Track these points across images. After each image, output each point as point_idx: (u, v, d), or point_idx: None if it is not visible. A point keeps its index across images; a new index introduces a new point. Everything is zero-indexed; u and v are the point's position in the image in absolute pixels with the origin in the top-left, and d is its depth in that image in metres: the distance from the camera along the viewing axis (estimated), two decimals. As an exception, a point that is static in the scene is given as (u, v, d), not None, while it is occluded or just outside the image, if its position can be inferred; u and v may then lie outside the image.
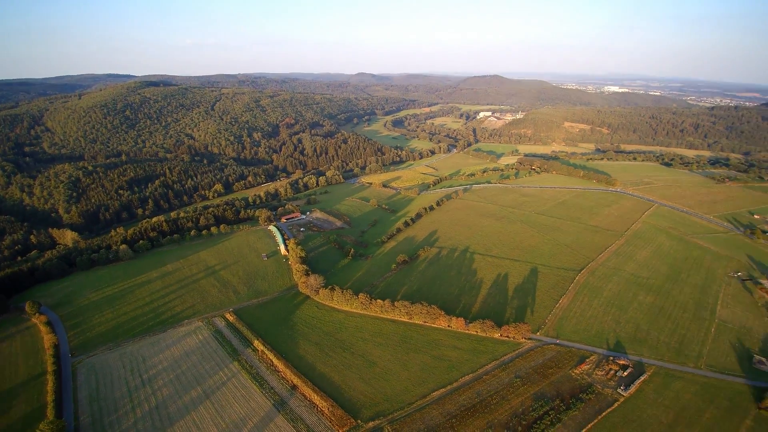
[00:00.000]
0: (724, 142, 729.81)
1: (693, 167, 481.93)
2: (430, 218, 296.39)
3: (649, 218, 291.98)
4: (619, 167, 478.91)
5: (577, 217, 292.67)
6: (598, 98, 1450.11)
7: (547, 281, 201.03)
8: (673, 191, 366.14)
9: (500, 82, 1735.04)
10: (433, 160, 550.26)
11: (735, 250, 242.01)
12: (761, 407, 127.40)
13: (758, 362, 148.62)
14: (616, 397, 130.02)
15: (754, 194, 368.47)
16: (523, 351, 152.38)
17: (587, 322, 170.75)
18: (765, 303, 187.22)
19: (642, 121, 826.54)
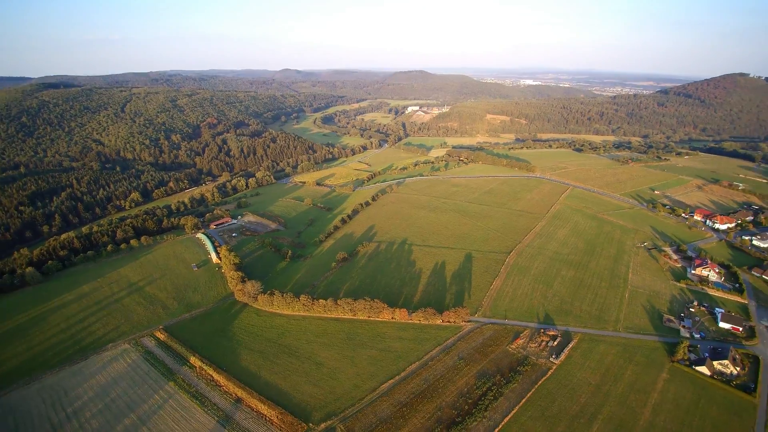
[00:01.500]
0: (626, 127, 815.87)
1: (600, 151, 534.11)
2: (366, 214, 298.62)
3: (565, 200, 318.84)
4: (537, 155, 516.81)
5: (504, 203, 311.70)
6: (515, 91, 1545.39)
7: (481, 265, 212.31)
8: (584, 174, 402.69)
9: (425, 77, 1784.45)
10: (365, 156, 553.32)
11: (640, 224, 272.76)
12: (674, 360, 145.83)
13: (667, 321, 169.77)
14: (549, 366, 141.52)
15: (654, 172, 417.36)
16: (464, 333, 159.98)
17: (519, 300, 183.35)
18: (669, 268, 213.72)
19: (555, 112, 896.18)
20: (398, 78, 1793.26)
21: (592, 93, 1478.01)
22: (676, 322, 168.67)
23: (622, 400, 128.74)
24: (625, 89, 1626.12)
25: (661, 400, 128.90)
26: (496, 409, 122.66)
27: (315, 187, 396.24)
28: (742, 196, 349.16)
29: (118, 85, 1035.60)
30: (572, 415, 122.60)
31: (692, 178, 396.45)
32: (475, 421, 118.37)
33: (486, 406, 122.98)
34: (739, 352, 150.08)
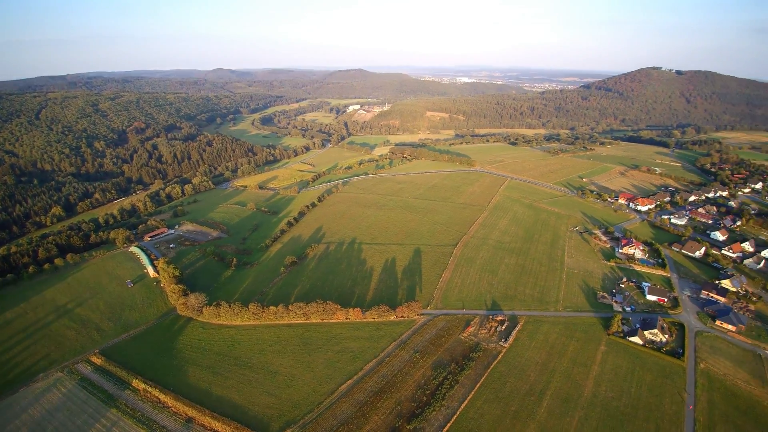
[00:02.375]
0: (555, 121, 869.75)
1: (533, 144, 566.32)
2: (313, 215, 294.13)
3: (504, 191, 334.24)
4: (476, 149, 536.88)
5: (448, 197, 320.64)
6: (452, 88, 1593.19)
7: (430, 259, 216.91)
8: (520, 166, 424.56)
9: (364, 76, 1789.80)
10: (309, 157, 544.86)
11: (572, 209, 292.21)
12: (609, 333, 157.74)
13: (601, 297, 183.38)
14: (499, 350, 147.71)
15: (581, 162, 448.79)
16: (418, 327, 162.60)
17: (467, 289, 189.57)
18: (599, 249, 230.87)
19: (490, 107, 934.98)
20: (337, 77, 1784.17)
21: (522, 89, 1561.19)
22: (609, 298, 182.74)
23: (567, 374, 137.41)
24: (552, 85, 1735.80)
25: (601, 371, 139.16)
26: (452, 397, 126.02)
27: (257, 190, 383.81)
28: (660, 179, 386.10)
29: (31, 90, 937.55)
30: (523, 393, 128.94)
31: (615, 165, 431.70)
32: (434, 410, 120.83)
33: (443, 395, 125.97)
34: (666, 321, 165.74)
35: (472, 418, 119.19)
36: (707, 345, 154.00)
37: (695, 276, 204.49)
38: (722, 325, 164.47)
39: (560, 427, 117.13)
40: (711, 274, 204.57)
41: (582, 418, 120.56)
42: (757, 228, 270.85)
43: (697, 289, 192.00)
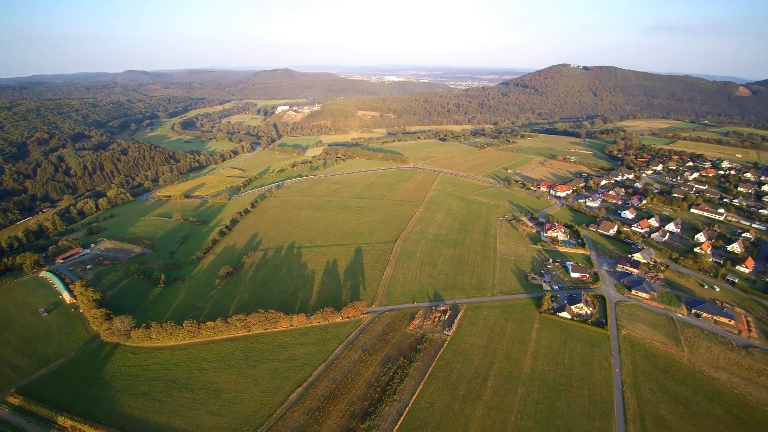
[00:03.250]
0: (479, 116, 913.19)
1: (461, 139, 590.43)
2: (247, 222, 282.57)
3: (438, 186, 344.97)
4: (408, 146, 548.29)
5: (384, 194, 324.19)
6: (381, 87, 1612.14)
7: (372, 257, 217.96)
8: (451, 161, 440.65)
9: (291, 75, 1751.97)
10: (238, 161, 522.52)
11: (500, 199, 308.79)
12: (541, 311, 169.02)
13: (532, 279, 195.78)
14: (444, 338, 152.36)
15: (505, 154, 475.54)
16: (364, 326, 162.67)
17: (410, 283, 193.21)
18: (527, 234, 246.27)
19: (419, 105, 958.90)
20: (263, 77, 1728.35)
21: (448, 87, 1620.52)
22: (539, 278, 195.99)
23: (507, 354, 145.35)
24: (475, 83, 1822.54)
25: (537, 347, 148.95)
26: (404, 390, 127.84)
27: (183, 200, 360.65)
28: (575, 166, 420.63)
29: None
30: (469, 377, 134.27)
31: (535, 156, 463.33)
32: (386, 406, 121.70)
33: (395, 390, 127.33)
34: (589, 295, 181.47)
35: (423, 408, 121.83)
36: (626, 313, 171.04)
37: (611, 252, 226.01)
38: (637, 294, 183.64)
39: (505, 404, 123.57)
40: (624, 249, 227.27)
41: (524, 393, 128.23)
42: (660, 205, 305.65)
43: (613, 263, 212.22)
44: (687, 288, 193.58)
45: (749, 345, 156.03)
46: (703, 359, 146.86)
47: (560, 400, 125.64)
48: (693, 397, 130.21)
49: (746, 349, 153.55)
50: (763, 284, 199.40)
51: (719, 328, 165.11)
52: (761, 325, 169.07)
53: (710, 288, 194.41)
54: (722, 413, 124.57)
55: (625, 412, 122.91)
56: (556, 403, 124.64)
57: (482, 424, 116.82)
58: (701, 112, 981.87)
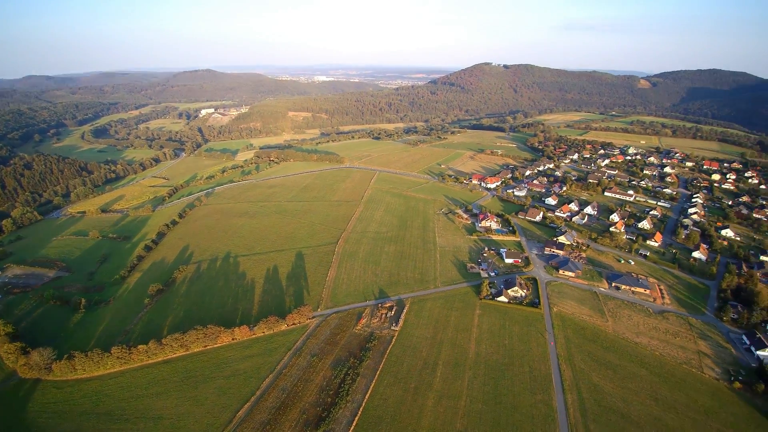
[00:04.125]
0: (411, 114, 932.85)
1: (395, 137, 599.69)
2: (176, 234, 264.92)
3: (375, 184, 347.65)
4: (343, 146, 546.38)
5: (322, 196, 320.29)
6: (312, 87, 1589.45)
7: (313, 260, 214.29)
8: (386, 159, 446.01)
9: (215, 76, 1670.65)
10: (160, 169, 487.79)
11: (436, 194, 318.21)
12: (481, 298, 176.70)
13: (470, 268, 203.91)
14: (392, 334, 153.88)
15: (438, 150, 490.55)
16: (311, 331, 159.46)
17: (354, 283, 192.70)
18: (463, 226, 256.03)
19: (351, 105, 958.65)
20: (183, 78, 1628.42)
21: (378, 86, 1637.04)
22: (477, 267, 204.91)
23: (453, 342, 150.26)
24: (405, 81, 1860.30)
25: (480, 332, 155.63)
26: (356, 390, 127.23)
27: (101, 215, 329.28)
28: (501, 159, 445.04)
29: None
30: (419, 369, 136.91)
31: (465, 150, 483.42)
32: (340, 409, 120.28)
33: (347, 391, 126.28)
34: (523, 278, 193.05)
35: (377, 405, 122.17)
36: (556, 291, 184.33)
37: (539, 237, 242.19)
38: (564, 274, 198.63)
39: (455, 390, 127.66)
40: (550, 233, 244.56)
41: (471, 377, 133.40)
42: (578, 191, 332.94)
43: (541, 247, 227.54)
44: (606, 264, 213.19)
45: (664, 311, 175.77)
46: (625, 327, 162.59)
47: (504, 380, 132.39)
48: (620, 362, 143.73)
49: (661, 314, 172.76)
50: (670, 255, 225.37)
51: (637, 297, 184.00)
52: (672, 292, 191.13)
53: (626, 262, 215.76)
54: (646, 374, 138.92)
55: (563, 382, 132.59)
56: (500, 382, 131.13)
57: (434, 412, 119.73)
58: (609, 104, 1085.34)
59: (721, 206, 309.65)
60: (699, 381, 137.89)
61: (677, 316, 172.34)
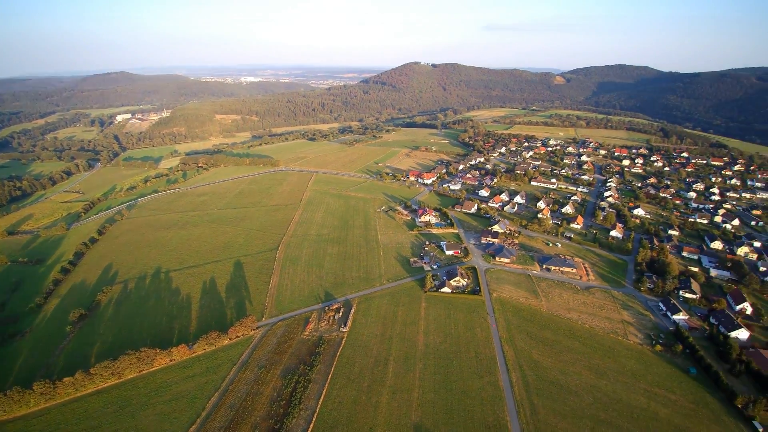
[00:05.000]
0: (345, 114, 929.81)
1: (330, 138, 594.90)
2: (97, 252, 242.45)
3: (313, 186, 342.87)
4: (277, 149, 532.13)
5: (258, 201, 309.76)
6: (239, 89, 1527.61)
7: (254, 268, 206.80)
8: (323, 160, 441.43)
9: (130, 79, 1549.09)
10: (73, 183, 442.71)
11: (375, 192, 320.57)
12: (426, 291, 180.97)
13: (413, 262, 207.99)
14: (341, 336, 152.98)
15: (374, 149, 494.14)
16: (257, 342, 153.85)
17: (299, 289, 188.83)
18: (403, 222, 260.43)
19: (282, 106, 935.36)
20: (95, 83, 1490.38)
21: (310, 86, 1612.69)
22: (419, 261, 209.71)
23: (402, 336, 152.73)
24: (336, 81, 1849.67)
25: (427, 324, 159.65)
26: (309, 397, 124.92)
27: (7, 237, 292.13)
28: (435, 155, 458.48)
29: None
30: (371, 367, 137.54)
31: (401, 148, 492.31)
32: (294, 418, 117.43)
33: (299, 399, 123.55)
34: (463, 268, 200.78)
35: (332, 409, 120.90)
36: (494, 278, 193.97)
37: (475, 227, 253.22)
38: (501, 260, 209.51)
39: (407, 383, 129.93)
40: (485, 223, 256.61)
41: (422, 368, 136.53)
42: (507, 182, 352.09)
43: (478, 237, 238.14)
44: (537, 248, 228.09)
45: (589, 286, 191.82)
46: (557, 305, 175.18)
47: (453, 367, 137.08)
48: (555, 337, 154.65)
49: (588, 290, 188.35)
50: (591, 236, 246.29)
51: (565, 277, 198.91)
52: (596, 269, 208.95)
53: (554, 245, 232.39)
54: (579, 346, 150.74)
55: (506, 362, 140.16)
56: (450, 370, 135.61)
57: (389, 408, 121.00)
58: (529, 100, 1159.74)
59: (632, 188, 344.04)
60: (625, 347, 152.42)
61: (601, 291, 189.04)
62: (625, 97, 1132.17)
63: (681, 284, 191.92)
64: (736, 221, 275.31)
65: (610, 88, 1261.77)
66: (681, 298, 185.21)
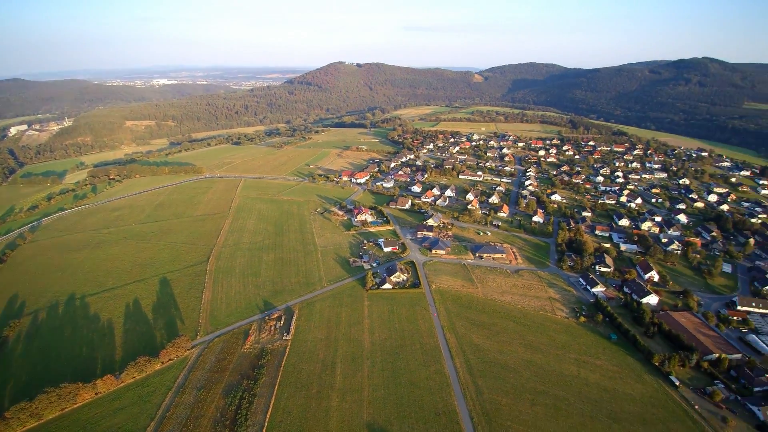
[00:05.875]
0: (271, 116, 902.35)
1: (257, 141, 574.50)
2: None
3: (242, 192, 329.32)
4: (199, 155, 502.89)
5: (182, 212, 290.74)
6: (151, 92, 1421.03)
7: (183, 285, 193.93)
8: (250, 164, 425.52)
9: (24, 86, 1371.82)
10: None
11: (309, 195, 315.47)
12: (368, 289, 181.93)
13: (353, 262, 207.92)
14: (285, 344, 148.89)
15: (304, 151, 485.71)
16: (192, 362, 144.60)
17: (235, 301, 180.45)
18: (340, 223, 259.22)
19: (202, 109, 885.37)
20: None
21: (231, 88, 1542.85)
22: (359, 260, 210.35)
23: (348, 337, 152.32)
24: (259, 82, 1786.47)
25: (371, 322, 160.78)
26: (256, 412, 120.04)
27: None
28: (367, 154, 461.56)
29: None
30: (318, 372, 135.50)
31: (332, 149, 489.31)
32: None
33: (245, 416, 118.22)
34: (402, 263, 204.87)
35: (281, 420, 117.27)
36: (432, 270, 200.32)
37: (410, 223, 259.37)
38: (437, 253, 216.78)
39: (357, 384, 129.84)
40: (419, 218, 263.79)
41: (370, 366, 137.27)
42: (437, 177, 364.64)
43: (414, 232, 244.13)
44: (469, 238, 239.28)
45: (519, 269, 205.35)
46: (491, 289, 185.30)
47: (400, 361, 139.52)
48: (492, 320, 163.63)
49: (517, 273, 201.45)
50: (516, 222, 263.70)
51: (497, 262, 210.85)
52: (522, 252, 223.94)
53: (484, 234, 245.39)
54: (514, 326, 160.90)
55: (450, 349, 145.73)
56: (397, 364, 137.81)
57: (340, 410, 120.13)
58: (452, 98, 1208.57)
59: (548, 177, 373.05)
60: (554, 322, 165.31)
61: (529, 272, 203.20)
62: (537, 92, 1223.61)
63: (596, 260, 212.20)
64: (639, 200, 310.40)
65: (523, 84, 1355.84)
66: (598, 273, 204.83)
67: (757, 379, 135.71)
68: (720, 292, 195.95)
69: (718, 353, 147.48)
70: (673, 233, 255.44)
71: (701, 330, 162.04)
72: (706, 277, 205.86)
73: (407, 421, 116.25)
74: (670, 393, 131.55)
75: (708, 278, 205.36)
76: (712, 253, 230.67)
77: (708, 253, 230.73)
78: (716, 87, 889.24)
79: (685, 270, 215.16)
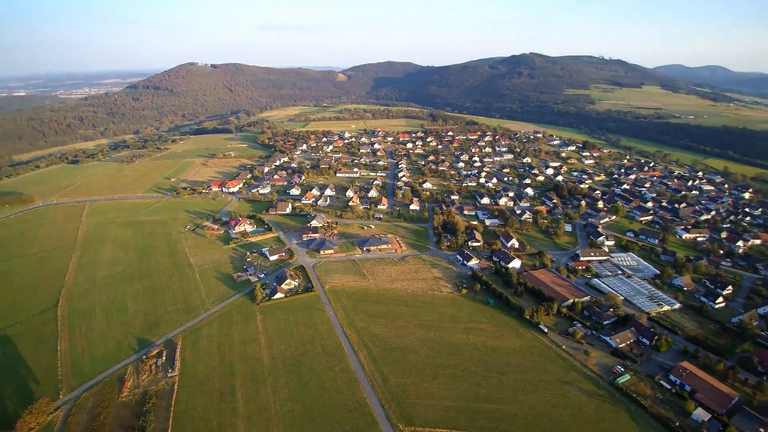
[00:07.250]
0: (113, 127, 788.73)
1: (100, 157, 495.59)
2: None
3: (89, 218, 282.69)
4: (26, 180, 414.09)
5: (12, 253, 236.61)
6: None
7: (29, 339, 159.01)
8: (95, 185, 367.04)
9: None
10: None
11: (174, 212, 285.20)
12: (258, 303, 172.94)
13: (237, 277, 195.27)
14: (171, 382, 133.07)
15: (161, 163, 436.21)
16: (60, 426, 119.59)
17: (101, 345, 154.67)
18: (216, 237, 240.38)
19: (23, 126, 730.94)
20: None
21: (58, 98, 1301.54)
22: (244, 274, 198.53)
23: (244, 357, 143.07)
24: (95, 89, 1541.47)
25: (268, 335, 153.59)
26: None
27: None
28: (237, 161, 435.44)
29: None
30: (216, 402, 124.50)
31: (195, 158, 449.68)
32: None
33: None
34: (292, 269, 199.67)
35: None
36: (323, 270, 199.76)
37: (294, 227, 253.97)
38: (325, 253, 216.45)
39: (262, 403, 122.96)
40: (303, 221, 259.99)
41: (273, 382, 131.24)
42: (315, 177, 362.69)
43: (299, 236, 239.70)
44: (354, 233, 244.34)
45: (404, 256, 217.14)
46: (382, 280, 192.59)
47: (304, 368, 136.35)
48: (387, 309, 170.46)
49: (403, 260, 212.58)
50: (396, 213, 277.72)
51: (384, 253, 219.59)
52: (405, 240, 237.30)
53: (368, 227, 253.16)
54: (408, 310, 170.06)
55: (352, 345, 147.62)
56: (302, 372, 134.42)
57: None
58: (318, 97, 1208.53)
59: (418, 167, 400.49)
60: (441, 299, 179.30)
61: (414, 257, 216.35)
62: (398, 89, 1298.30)
63: (468, 237, 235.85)
64: (495, 180, 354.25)
65: (384, 82, 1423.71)
66: (470, 248, 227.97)
67: (604, 314, 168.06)
68: (566, 248, 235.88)
69: (572, 299, 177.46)
70: (524, 204, 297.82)
71: (557, 282, 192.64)
72: (554, 238, 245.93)
73: (321, 426, 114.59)
74: (542, 339, 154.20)
75: (555, 238, 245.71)
76: (555, 217, 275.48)
77: (552, 217, 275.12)
78: (542, 78, 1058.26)
79: (537, 234, 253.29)
